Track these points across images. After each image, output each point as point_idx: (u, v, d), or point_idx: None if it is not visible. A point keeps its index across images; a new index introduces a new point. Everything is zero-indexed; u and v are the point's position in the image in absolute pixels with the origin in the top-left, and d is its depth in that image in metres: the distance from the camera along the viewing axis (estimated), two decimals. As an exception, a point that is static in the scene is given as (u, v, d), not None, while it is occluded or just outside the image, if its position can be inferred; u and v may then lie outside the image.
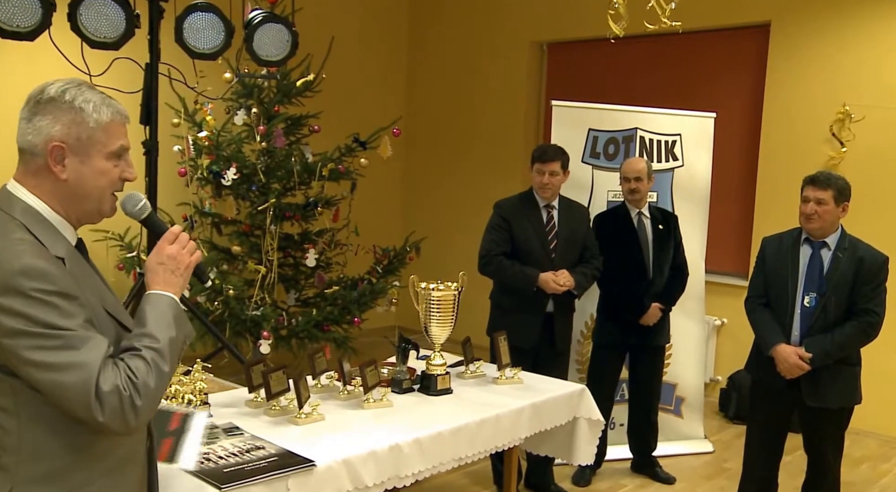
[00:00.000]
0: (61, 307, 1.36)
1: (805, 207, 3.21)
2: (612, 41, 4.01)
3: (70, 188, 1.48)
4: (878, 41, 5.06)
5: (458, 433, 2.66)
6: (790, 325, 3.26)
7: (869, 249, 3.22)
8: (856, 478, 4.38)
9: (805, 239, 3.29)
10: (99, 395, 1.34)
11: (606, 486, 4.19)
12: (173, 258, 1.55)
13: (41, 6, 3.19)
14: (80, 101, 1.47)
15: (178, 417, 2.19)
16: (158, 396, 1.43)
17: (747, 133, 5.70)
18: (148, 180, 3.70)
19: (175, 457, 2.04)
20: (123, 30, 3.39)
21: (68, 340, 1.35)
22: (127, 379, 1.37)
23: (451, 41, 7.28)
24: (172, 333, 1.47)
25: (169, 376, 1.45)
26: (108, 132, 1.49)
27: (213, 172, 4.91)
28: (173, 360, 1.46)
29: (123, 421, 1.37)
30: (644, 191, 4.15)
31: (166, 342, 1.45)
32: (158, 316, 1.48)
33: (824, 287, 3.19)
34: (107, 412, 1.35)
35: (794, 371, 3.20)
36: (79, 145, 1.47)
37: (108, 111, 1.50)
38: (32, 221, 1.44)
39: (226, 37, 3.67)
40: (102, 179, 1.50)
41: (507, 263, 3.81)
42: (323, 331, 5.13)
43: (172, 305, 1.52)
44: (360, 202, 5.53)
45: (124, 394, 1.36)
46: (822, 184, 3.17)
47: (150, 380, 1.40)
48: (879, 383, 4.89)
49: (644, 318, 4.09)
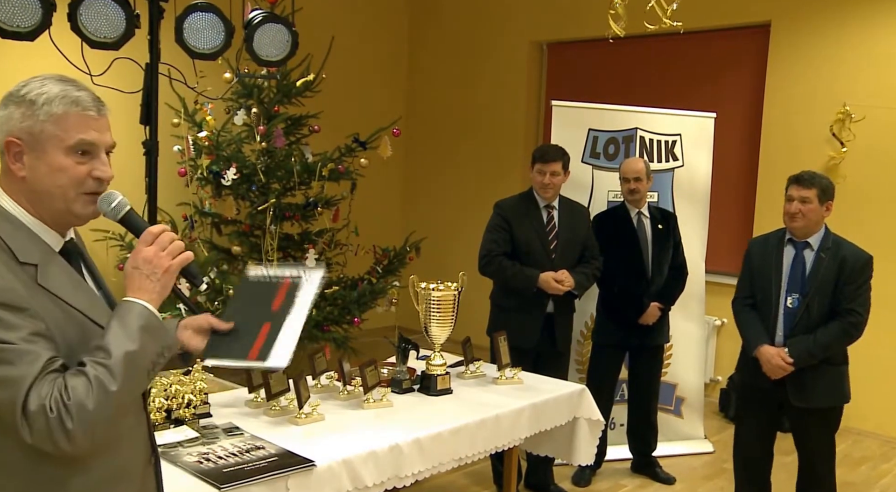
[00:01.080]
0: (2, 319, 1.26)
1: (789, 206, 3.22)
2: (611, 41, 4.01)
3: (29, 187, 1.38)
4: (878, 41, 5.06)
5: (457, 433, 2.66)
6: (774, 326, 3.28)
7: (853, 248, 3.22)
8: (856, 478, 4.38)
9: (788, 239, 3.30)
10: (26, 414, 1.24)
11: (606, 486, 4.19)
12: (149, 262, 1.40)
13: (41, 6, 3.18)
14: (34, 94, 1.37)
15: (286, 288, 1.78)
16: (101, 417, 1.28)
17: (747, 133, 5.70)
18: (148, 180, 3.69)
19: (266, 354, 1.66)
20: (123, 30, 3.39)
21: (4, 354, 1.25)
22: (58, 399, 1.24)
23: (451, 41, 7.28)
24: (132, 346, 1.32)
25: (119, 395, 1.29)
26: (62, 125, 1.37)
27: (213, 172, 4.91)
28: (130, 376, 1.31)
29: (53, 443, 1.25)
30: (643, 191, 4.15)
31: (119, 358, 1.30)
32: (120, 328, 1.34)
33: (806, 288, 3.20)
34: (34, 433, 1.24)
35: (777, 372, 3.21)
36: (32, 140, 1.36)
37: (64, 102, 1.37)
38: (3, 224, 1.37)
39: (226, 37, 3.66)
40: (61, 176, 1.37)
41: (508, 264, 3.81)
42: (323, 331, 5.13)
43: (143, 315, 1.36)
44: (360, 202, 5.53)
45: (51, 415, 1.24)
46: (807, 183, 3.19)
47: (89, 400, 1.25)
48: (879, 384, 4.90)
49: (643, 317, 4.09)
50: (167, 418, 2.41)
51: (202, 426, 2.43)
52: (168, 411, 2.42)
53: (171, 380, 2.48)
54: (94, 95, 1.42)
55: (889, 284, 4.80)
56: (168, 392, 2.44)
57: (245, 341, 1.67)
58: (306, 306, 1.74)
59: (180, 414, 2.43)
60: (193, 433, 2.35)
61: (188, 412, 2.45)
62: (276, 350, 1.66)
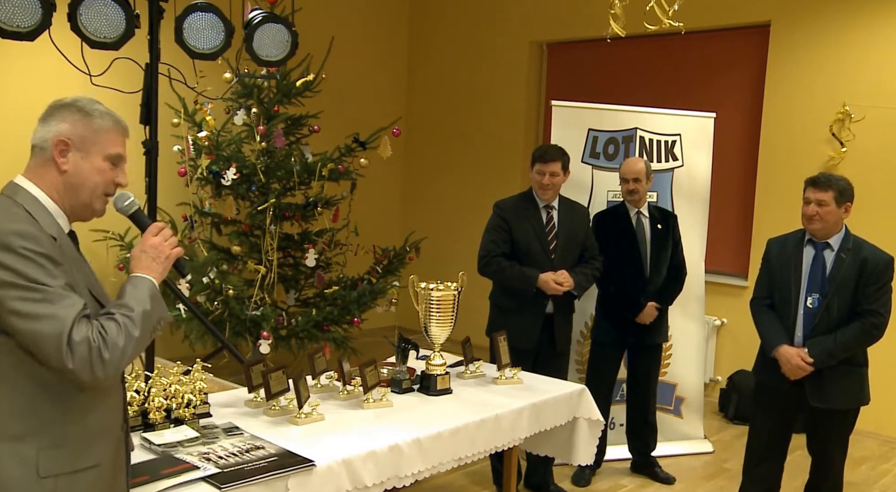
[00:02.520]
0: (46, 267, 1.54)
1: (806, 209, 3.21)
2: (609, 41, 4.01)
3: (68, 179, 1.68)
4: (878, 41, 5.06)
5: (457, 433, 2.66)
6: (793, 326, 3.25)
7: (873, 249, 3.21)
8: (856, 478, 4.38)
9: (808, 240, 3.28)
10: (70, 344, 1.51)
11: (606, 486, 4.19)
12: (155, 247, 1.75)
13: (41, 6, 3.18)
14: (89, 108, 1.70)
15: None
16: (127, 354, 1.59)
17: (747, 133, 5.70)
18: (148, 180, 3.69)
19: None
20: (123, 30, 3.39)
21: (48, 295, 1.53)
22: (98, 334, 1.54)
23: (451, 41, 7.28)
24: (147, 306, 1.65)
25: (139, 341, 1.61)
26: (108, 137, 1.71)
27: (212, 172, 4.91)
28: (145, 329, 1.63)
29: (91, 371, 1.53)
30: (643, 191, 4.15)
31: (139, 313, 1.62)
32: (136, 292, 1.66)
33: (827, 288, 3.19)
34: (76, 360, 1.52)
35: (797, 372, 3.19)
36: (82, 143, 1.68)
37: (111, 119, 1.72)
38: (31, 205, 1.64)
39: (226, 37, 3.66)
40: (98, 176, 1.70)
41: (507, 264, 3.81)
42: (323, 331, 5.13)
43: (150, 287, 1.70)
44: (360, 202, 5.53)
45: (93, 345, 1.53)
46: (823, 185, 3.17)
47: (120, 339, 1.57)
48: (879, 384, 4.88)
49: (640, 316, 4.09)
50: (167, 417, 2.41)
51: (202, 426, 2.43)
52: (168, 410, 2.42)
53: (171, 380, 2.48)
54: (120, 118, 1.77)
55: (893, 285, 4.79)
56: (168, 392, 2.44)
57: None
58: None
59: (180, 414, 2.43)
60: (193, 433, 2.35)
61: (188, 412, 2.45)
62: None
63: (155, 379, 2.47)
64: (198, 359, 2.66)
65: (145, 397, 2.39)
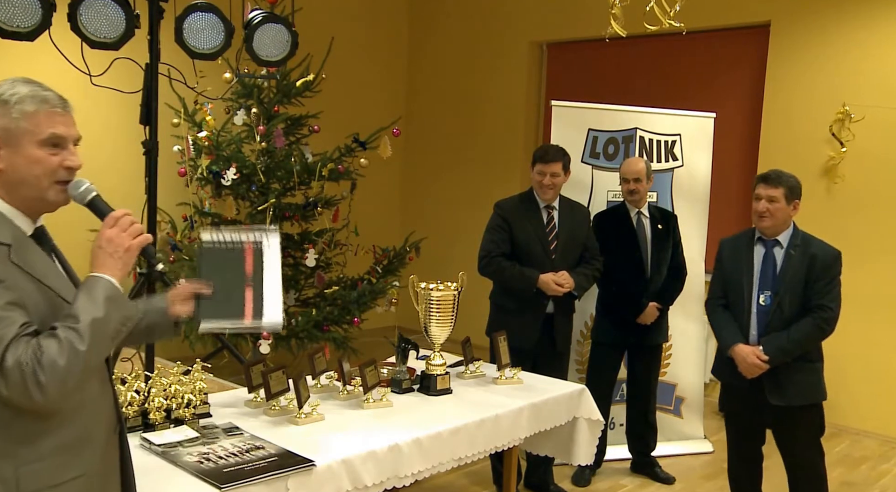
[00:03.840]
0: None
1: (757, 205, 3.22)
2: (607, 41, 4.01)
3: (7, 178, 1.53)
4: (878, 41, 5.06)
5: (457, 433, 2.66)
6: (747, 324, 3.27)
7: (822, 244, 3.23)
8: (856, 478, 4.38)
9: (758, 238, 3.30)
10: (2, 369, 1.39)
11: (606, 486, 4.19)
12: (111, 241, 1.57)
13: (41, 6, 3.18)
14: (7, 95, 1.53)
15: (251, 252, 1.93)
16: (73, 372, 1.43)
17: (747, 133, 5.70)
18: (148, 180, 3.70)
19: (260, 313, 1.85)
20: (123, 30, 3.39)
21: None
22: (32, 355, 1.40)
23: (451, 41, 7.28)
24: (98, 313, 1.48)
25: (90, 355, 1.46)
26: (34, 121, 1.53)
27: (212, 172, 4.91)
28: (97, 339, 1.47)
29: (28, 396, 1.41)
30: (643, 191, 4.15)
31: (87, 323, 1.46)
32: (87, 297, 1.50)
33: (777, 285, 3.20)
34: (10, 386, 1.40)
35: (753, 371, 3.20)
36: (7, 136, 1.52)
37: (33, 101, 1.53)
38: None
39: (226, 37, 3.67)
40: (36, 167, 1.53)
41: (507, 265, 3.81)
42: (322, 331, 5.13)
43: (107, 287, 1.52)
44: (360, 202, 5.53)
45: (25, 369, 1.39)
46: (774, 181, 3.19)
47: (60, 358, 1.41)
48: (879, 384, 4.90)
49: (641, 317, 4.09)
50: (167, 417, 2.41)
51: (202, 426, 2.43)
52: (168, 410, 2.42)
53: (170, 380, 2.48)
54: (59, 95, 1.59)
55: (889, 284, 4.83)
56: (168, 392, 2.44)
57: (235, 305, 1.82)
58: (277, 267, 1.90)
59: (180, 414, 2.43)
60: (193, 433, 2.35)
61: (188, 412, 2.45)
62: (268, 309, 1.83)
63: (155, 379, 2.47)
64: (198, 359, 2.66)
65: (145, 397, 2.39)
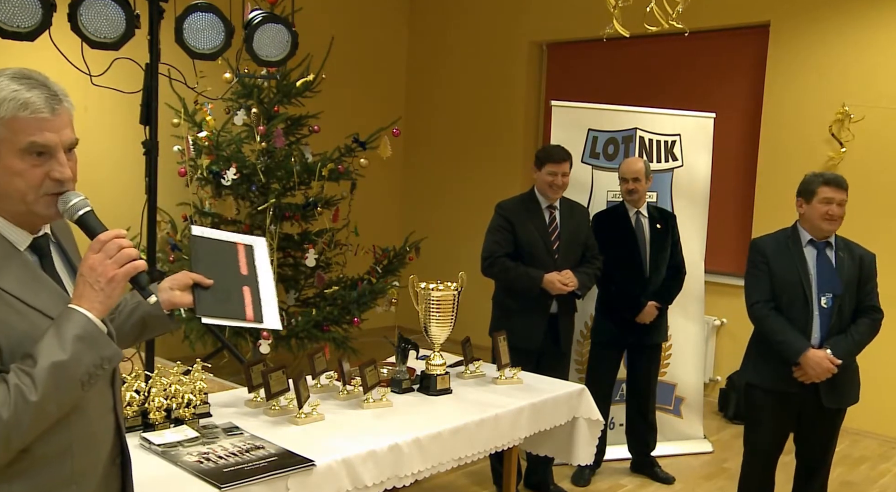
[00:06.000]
0: None
1: (829, 209, 3.14)
2: (605, 41, 4.01)
3: None
4: (877, 41, 5.06)
5: (457, 433, 2.66)
6: (809, 327, 3.18)
7: (861, 247, 3.27)
8: (856, 478, 4.39)
9: (810, 240, 3.25)
10: None
11: (606, 486, 4.19)
12: (92, 269, 1.34)
13: (41, 6, 3.18)
14: None
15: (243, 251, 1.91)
16: (15, 428, 1.23)
17: (747, 133, 5.71)
18: (148, 180, 3.69)
19: (260, 316, 1.81)
20: (123, 30, 3.39)
21: None
22: None
23: (451, 41, 7.28)
24: (61, 356, 1.26)
25: (41, 407, 1.25)
26: (11, 129, 1.32)
27: (212, 172, 4.92)
28: (54, 388, 1.26)
29: None
30: (642, 191, 4.16)
31: (45, 367, 1.25)
32: (54, 336, 1.28)
33: (839, 287, 3.17)
34: None
35: (825, 375, 3.12)
36: None
37: (12, 105, 1.32)
38: None
39: (226, 37, 3.67)
40: (17, 180, 1.34)
41: (511, 265, 3.81)
42: (323, 331, 5.13)
43: (80, 324, 1.30)
44: (360, 202, 5.53)
45: None
46: (843, 185, 3.17)
47: (4, 410, 1.22)
48: (879, 384, 4.90)
49: (640, 316, 4.10)
50: (167, 417, 2.41)
51: (202, 426, 2.43)
52: (168, 410, 2.42)
53: (171, 380, 2.48)
54: (49, 93, 1.36)
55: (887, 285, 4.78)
56: (168, 392, 2.44)
57: (235, 303, 1.80)
58: (269, 269, 1.92)
59: (180, 414, 2.44)
60: (193, 433, 2.35)
61: (188, 412, 2.45)
62: (267, 312, 1.84)
63: (155, 379, 2.47)
64: (198, 359, 2.67)
65: (145, 397, 2.40)
